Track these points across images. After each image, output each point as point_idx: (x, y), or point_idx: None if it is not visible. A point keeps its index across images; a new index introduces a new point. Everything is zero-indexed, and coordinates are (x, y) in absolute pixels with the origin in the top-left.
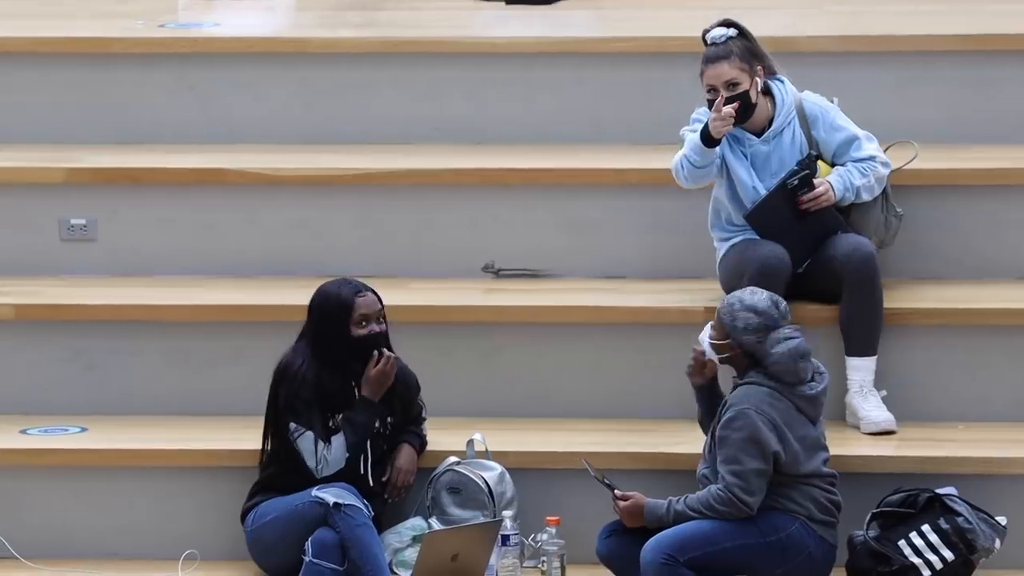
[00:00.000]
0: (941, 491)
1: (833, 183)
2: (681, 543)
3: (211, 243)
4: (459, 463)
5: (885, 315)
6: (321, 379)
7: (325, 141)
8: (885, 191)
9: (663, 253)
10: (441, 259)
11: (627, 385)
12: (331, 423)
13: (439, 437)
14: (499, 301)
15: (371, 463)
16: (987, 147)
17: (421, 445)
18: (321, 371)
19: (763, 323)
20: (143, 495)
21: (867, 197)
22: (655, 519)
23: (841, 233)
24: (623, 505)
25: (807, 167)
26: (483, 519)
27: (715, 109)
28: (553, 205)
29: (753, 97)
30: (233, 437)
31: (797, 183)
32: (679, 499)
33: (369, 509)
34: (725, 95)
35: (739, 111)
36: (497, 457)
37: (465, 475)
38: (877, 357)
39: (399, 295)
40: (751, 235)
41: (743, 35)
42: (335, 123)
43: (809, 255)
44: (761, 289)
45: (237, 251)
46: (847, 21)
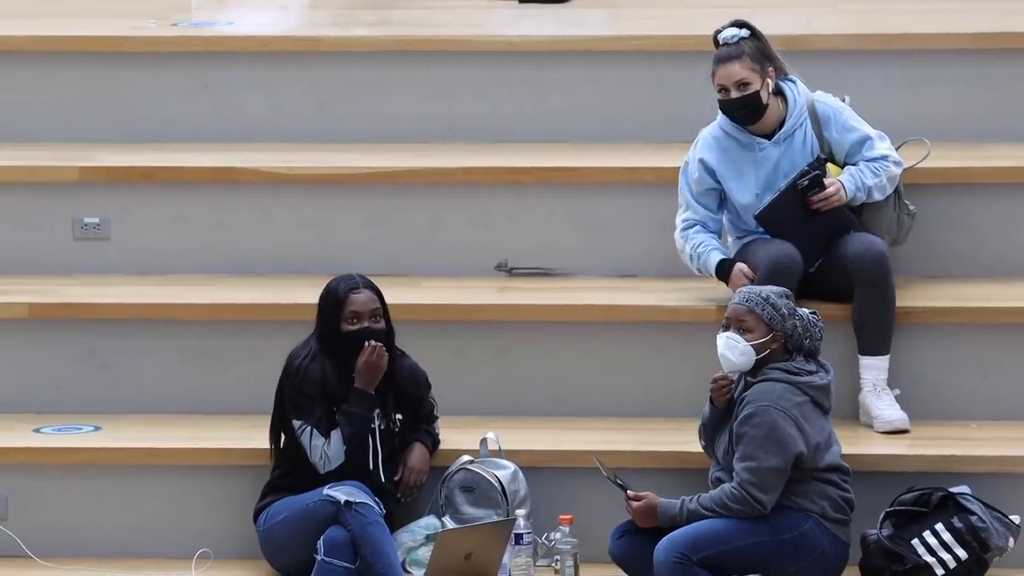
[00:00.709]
0: (955, 490)
1: (845, 183)
2: (694, 542)
3: (224, 242)
4: (472, 462)
5: (898, 314)
6: (326, 373)
7: (338, 140)
8: (897, 190)
9: (676, 252)
10: (454, 258)
11: (640, 384)
12: (337, 418)
13: (452, 436)
14: (512, 300)
15: (381, 460)
16: (1000, 145)
17: (434, 444)
18: (325, 365)
19: (796, 309)
20: (156, 494)
21: (879, 197)
22: (668, 519)
23: (853, 232)
24: (636, 505)
25: (817, 168)
26: (496, 518)
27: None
28: (566, 204)
29: (764, 98)
30: (246, 436)
31: (807, 183)
32: (692, 498)
33: (381, 507)
34: (736, 95)
35: (747, 115)
36: (510, 456)
37: (478, 474)
38: (890, 356)
39: (412, 294)
40: (764, 235)
41: (755, 36)
42: (348, 122)
43: (821, 254)
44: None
45: (250, 250)
46: (859, 19)
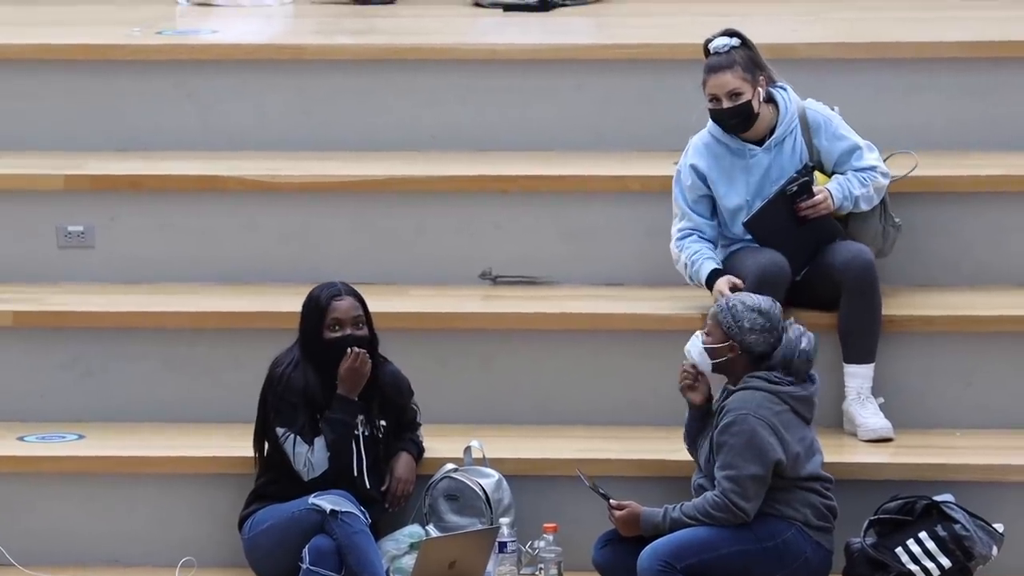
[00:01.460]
0: (938, 498)
1: (832, 191)
2: (678, 550)
3: (209, 250)
4: (456, 470)
5: (883, 322)
6: (308, 381)
7: (323, 148)
8: (884, 201)
9: (662, 260)
10: (439, 266)
11: (625, 392)
12: (320, 425)
13: (436, 444)
14: (497, 308)
15: (366, 467)
16: (987, 154)
17: (419, 453)
18: (308, 372)
19: (768, 324)
20: (141, 502)
21: (865, 207)
22: (651, 527)
23: (840, 241)
24: (618, 514)
25: (806, 174)
26: (480, 526)
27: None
28: (551, 212)
29: (755, 107)
30: (231, 444)
31: (796, 189)
32: (675, 507)
33: (366, 516)
34: (728, 104)
35: (739, 125)
36: (495, 464)
37: (462, 482)
38: (875, 364)
39: (397, 302)
40: (751, 243)
41: (745, 45)
42: (333, 130)
43: (807, 262)
44: (755, 293)
45: (235, 258)
46: (847, 28)
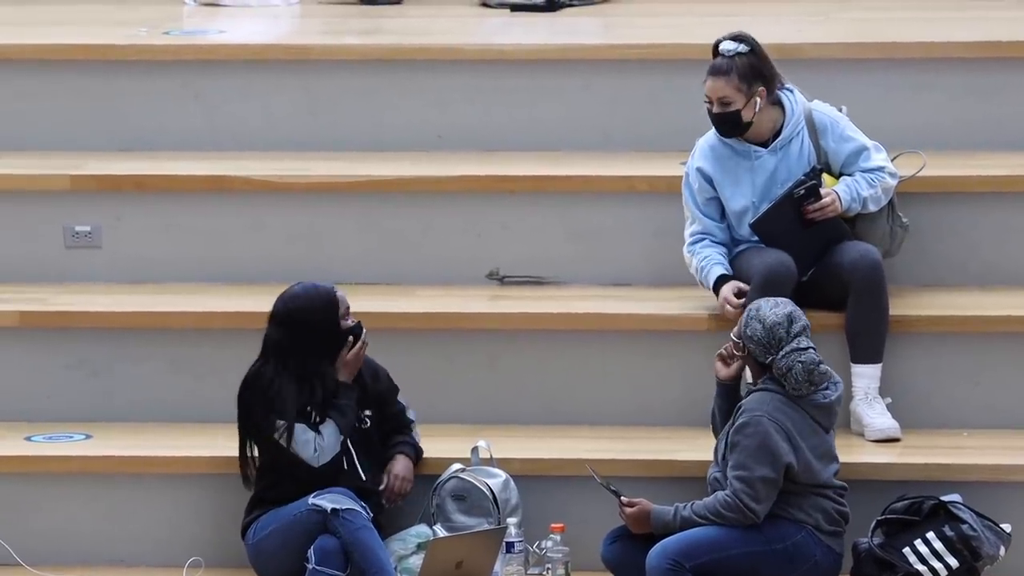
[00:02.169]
0: (946, 498)
1: (840, 193)
2: (687, 549)
3: (215, 250)
4: (464, 470)
5: (891, 322)
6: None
7: (330, 148)
8: (892, 202)
9: (669, 260)
10: (445, 266)
11: (632, 392)
12: (313, 418)
13: (444, 444)
14: (504, 308)
15: (356, 458)
16: (994, 154)
17: (416, 454)
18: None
19: (766, 339)
20: (148, 502)
21: (873, 208)
22: (661, 525)
23: (847, 241)
24: (629, 511)
25: (813, 177)
26: (488, 526)
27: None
28: (558, 212)
29: (746, 116)
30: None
31: (803, 193)
32: (686, 505)
33: (367, 511)
34: (716, 110)
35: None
36: (502, 464)
37: (470, 482)
38: (882, 364)
39: (404, 302)
40: (758, 243)
41: (753, 52)
42: (340, 130)
43: (814, 263)
44: (787, 302)
45: (241, 258)
46: (855, 28)
